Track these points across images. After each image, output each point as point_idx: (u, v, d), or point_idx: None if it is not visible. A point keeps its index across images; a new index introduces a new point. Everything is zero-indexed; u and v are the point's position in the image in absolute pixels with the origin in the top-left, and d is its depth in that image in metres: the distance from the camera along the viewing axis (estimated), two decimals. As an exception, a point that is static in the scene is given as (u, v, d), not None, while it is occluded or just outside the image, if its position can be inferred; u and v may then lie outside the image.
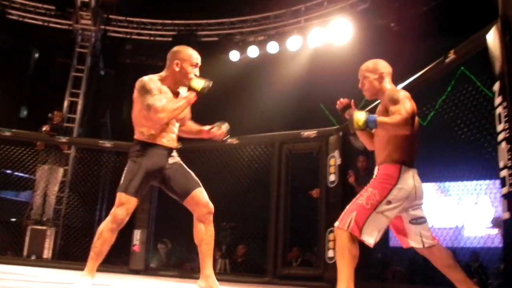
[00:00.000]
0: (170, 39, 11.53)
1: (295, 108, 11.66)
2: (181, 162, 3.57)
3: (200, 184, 3.53)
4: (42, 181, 7.87)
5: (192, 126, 3.75)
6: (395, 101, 3.07)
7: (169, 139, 3.49)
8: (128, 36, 11.65)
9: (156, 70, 3.62)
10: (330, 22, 9.93)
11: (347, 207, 3.12)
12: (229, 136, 3.69)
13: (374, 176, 3.18)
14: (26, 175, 8.15)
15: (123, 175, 3.41)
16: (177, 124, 3.57)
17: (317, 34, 10.13)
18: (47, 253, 7.59)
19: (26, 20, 11.16)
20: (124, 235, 7.36)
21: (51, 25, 11.22)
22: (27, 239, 7.54)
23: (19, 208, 8.12)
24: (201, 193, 3.50)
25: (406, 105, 3.02)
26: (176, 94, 3.52)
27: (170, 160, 3.50)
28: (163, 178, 3.49)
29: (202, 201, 3.49)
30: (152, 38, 11.70)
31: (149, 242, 7.17)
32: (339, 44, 10.02)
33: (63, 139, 7.87)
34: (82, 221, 8.22)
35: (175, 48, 3.57)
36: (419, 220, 3.19)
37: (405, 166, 3.11)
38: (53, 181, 7.98)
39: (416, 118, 3.23)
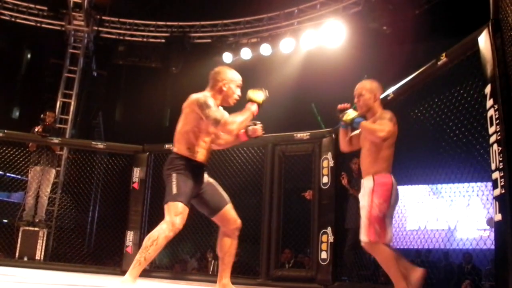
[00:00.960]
0: (163, 40, 11.54)
1: (288, 110, 11.69)
2: (212, 179, 3.71)
3: (229, 200, 3.68)
4: (34, 182, 7.84)
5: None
6: (382, 119, 3.65)
7: (206, 156, 3.63)
8: (121, 38, 11.62)
9: (149, 71, 3.68)
10: (323, 24, 9.96)
11: (368, 217, 3.54)
12: (263, 132, 3.78)
13: (371, 185, 3.59)
14: (18, 176, 8.12)
15: (173, 185, 3.44)
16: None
17: (310, 37, 10.16)
18: (39, 255, 7.56)
19: (19, 20, 11.10)
20: (117, 236, 7.42)
21: (43, 25, 11.16)
22: (19, 240, 7.52)
23: (11, 209, 8.09)
24: (231, 210, 3.67)
25: (389, 123, 3.60)
26: None
27: (205, 177, 3.65)
28: (198, 193, 3.58)
29: (231, 218, 3.65)
30: (145, 40, 11.68)
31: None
32: (332, 47, 10.05)
33: (56, 140, 7.84)
34: (74, 223, 8.20)
35: (220, 69, 3.76)
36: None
37: (392, 176, 3.65)
38: (45, 182, 7.95)
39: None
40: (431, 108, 4.84)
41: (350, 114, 3.75)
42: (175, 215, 3.37)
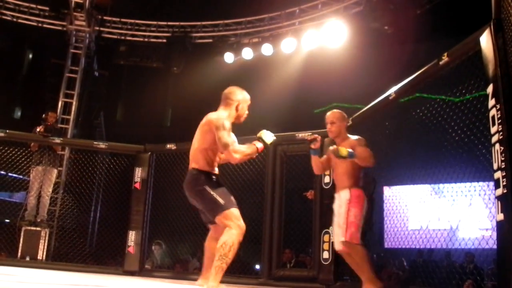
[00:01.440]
0: (164, 40, 11.54)
1: (289, 110, 11.70)
2: None
3: None
4: (36, 182, 7.84)
5: None
6: (361, 146, 4.34)
7: (217, 168, 4.04)
8: (122, 38, 11.63)
9: (150, 71, 3.72)
10: (324, 24, 9.96)
11: (345, 223, 4.30)
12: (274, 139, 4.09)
13: (348, 197, 4.37)
14: (20, 176, 8.12)
15: (215, 197, 3.79)
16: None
17: (312, 37, 10.15)
18: (41, 254, 7.57)
19: (20, 20, 11.11)
20: (119, 236, 7.41)
21: (45, 26, 11.17)
22: (21, 240, 7.52)
23: (13, 209, 8.09)
24: None
25: (368, 148, 4.32)
26: None
27: None
28: None
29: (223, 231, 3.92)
30: (146, 40, 11.69)
31: (144, 243, 7.16)
32: (333, 47, 10.05)
33: (57, 140, 7.84)
34: (76, 222, 8.20)
35: (234, 90, 4.10)
36: None
37: (363, 189, 4.43)
38: (47, 182, 7.96)
39: None
40: (433, 107, 4.84)
41: (342, 150, 4.15)
42: (236, 220, 3.75)
